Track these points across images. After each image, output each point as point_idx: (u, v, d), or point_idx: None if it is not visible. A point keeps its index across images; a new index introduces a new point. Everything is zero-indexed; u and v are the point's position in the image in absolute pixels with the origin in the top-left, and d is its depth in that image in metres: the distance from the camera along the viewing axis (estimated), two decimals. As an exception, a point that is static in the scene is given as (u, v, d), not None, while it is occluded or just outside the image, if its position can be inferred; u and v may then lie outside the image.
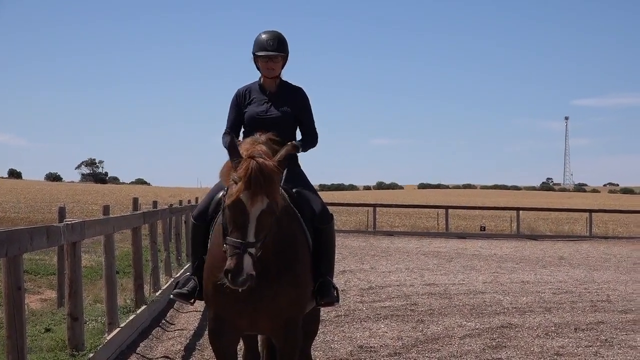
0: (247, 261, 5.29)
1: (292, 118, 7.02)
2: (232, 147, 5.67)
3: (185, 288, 6.61)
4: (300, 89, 7.21)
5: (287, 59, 7.11)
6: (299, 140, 6.95)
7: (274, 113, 6.94)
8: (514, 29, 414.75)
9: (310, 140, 7.12)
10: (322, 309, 7.47)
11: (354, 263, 23.14)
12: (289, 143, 6.00)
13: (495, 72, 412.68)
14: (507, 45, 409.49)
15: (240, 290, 5.43)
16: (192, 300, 6.65)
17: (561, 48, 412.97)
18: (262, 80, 7.13)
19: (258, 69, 7.10)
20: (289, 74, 7.24)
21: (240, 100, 7.11)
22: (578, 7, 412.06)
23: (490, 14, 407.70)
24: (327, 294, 6.59)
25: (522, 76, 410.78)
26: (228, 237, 5.42)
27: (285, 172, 5.94)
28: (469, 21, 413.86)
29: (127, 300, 12.34)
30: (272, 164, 5.58)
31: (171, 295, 6.91)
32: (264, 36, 7.00)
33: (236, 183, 5.48)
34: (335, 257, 7.02)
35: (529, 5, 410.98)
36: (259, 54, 6.96)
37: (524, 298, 15.77)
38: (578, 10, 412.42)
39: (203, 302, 6.64)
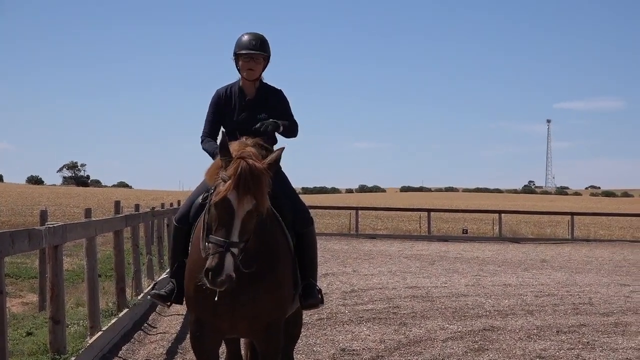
0: (229, 261, 5.26)
1: (272, 117, 6.96)
2: (223, 146, 5.65)
3: (163, 290, 6.62)
4: (279, 91, 7.17)
5: (268, 61, 7.08)
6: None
7: (252, 122, 6.86)
8: (495, 33, 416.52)
9: (293, 127, 7.07)
10: (304, 312, 7.48)
11: (337, 266, 23.13)
12: (279, 149, 5.94)
13: (478, 75, 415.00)
14: (489, 49, 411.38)
15: (217, 292, 5.44)
16: (169, 302, 6.67)
17: (544, 51, 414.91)
18: (241, 82, 7.09)
19: (238, 70, 7.06)
20: (272, 77, 7.22)
21: (221, 103, 7.08)
22: (559, 11, 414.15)
23: (471, 18, 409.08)
24: (312, 296, 6.64)
25: (505, 79, 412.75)
26: (211, 236, 5.39)
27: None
28: (451, 25, 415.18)
29: (109, 304, 12.31)
30: (261, 166, 5.57)
31: (148, 296, 6.91)
32: (246, 37, 6.98)
33: (225, 182, 5.47)
34: (319, 260, 7.05)
35: (510, 9, 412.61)
36: (241, 52, 6.93)
37: (506, 301, 15.81)
38: (560, 14, 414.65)
39: (181, 305, 6.66)
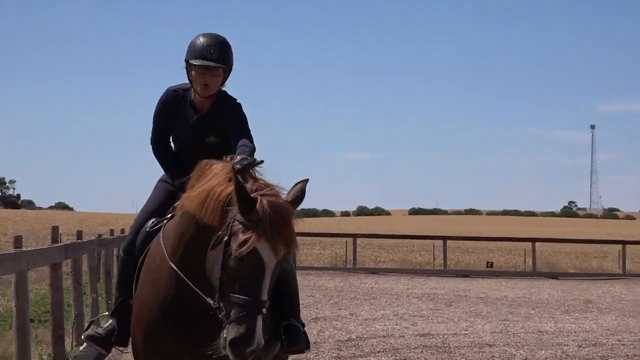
0: (260, 325, 5.13)
1: (223, 141, 6.68)
2: (239, 185, 5.29)
3: (100, 330, 6.56)
4: (236, 105, 6.86)
5: (230, 71, 6.81)
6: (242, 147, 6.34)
7: (198, 144, 6.68)
8: (523, 28, 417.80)
9: (253, 148, 6.46)
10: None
11: (330, 308, 23.06)
12: (301, 181, 5.66)
13: (504, 72, 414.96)
14: (516, 42, 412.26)
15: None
16: (109, 346, 6.59)
17: (584, 45, 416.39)
18: (193, 96, 6.83)
19: (190, 80, 6.79)
20: (256, 82, 7.06)
21: (166, 109, 6.92)
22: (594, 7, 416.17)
23: (493, 19, 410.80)
24: (296, 341, 6.53)
25: (537, 78, 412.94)
26: (234, 295, 5.20)
27: None
28: (474, 22, 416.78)
29: (44, 356, 12.25)
30: (288, 206, 5.44)
31: (82, 337, 6.84)
32: (202, 40, 6.70)
33: (247, 228, 5.25)
34: (307, 300, 7.02)
35: (532, 6, 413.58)
36: (195, 62, 6.65)
37: (542, 352, 15.81)
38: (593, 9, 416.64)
39: (125, 347, 6.63)
